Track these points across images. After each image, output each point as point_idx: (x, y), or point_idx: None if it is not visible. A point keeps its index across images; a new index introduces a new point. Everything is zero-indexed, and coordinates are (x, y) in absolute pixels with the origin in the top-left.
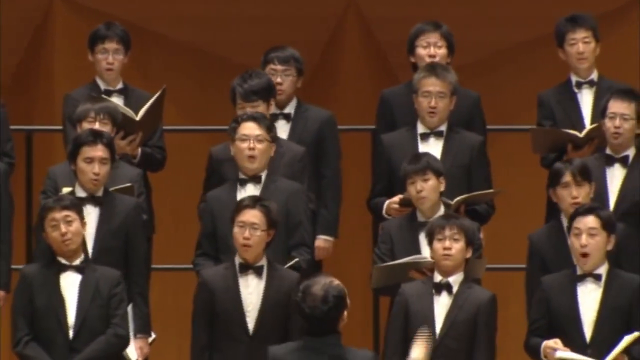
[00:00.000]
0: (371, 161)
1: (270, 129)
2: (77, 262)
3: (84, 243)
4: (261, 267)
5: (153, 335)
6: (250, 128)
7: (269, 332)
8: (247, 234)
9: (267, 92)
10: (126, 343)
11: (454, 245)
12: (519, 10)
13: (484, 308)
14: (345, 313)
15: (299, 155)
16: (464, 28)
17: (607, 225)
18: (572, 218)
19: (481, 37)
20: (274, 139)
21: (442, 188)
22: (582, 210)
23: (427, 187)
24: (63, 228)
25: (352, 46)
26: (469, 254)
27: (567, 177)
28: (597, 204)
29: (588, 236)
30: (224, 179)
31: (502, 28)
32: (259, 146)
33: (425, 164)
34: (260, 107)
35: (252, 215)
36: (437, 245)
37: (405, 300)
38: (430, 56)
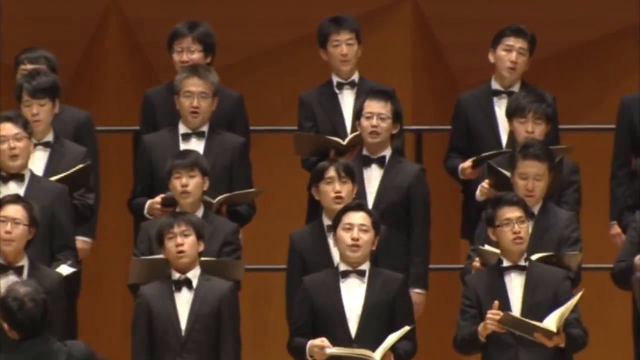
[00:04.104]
0: (133, 162)
1: (26, 126)
2: None
3: None
4: (21, 267)
5: None
6: (7, 129)
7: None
8: (8, 227)
9: (55, 90)
10: None
11: (185, 241)
12: (282, 11)
13: (225, 298)
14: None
15: (80, 155)
16: (227, 28)
17: (376, 224)
18: (342, 212)
19: (244, 37)
20: (32, 135)
21: (206, 187)
22: (353, 206)
23: (192, 183)
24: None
25: (113, 47)
26: (201, 247)
27: (331, 173)
28: (364, 202)
29: (360, 231)
30: None
31: (264, 28)
32: (19, 144)
33: (194, 160)
34: (47, 105)
35: (14, 210)
36: (170, 244)
37: (146, 301)
38: (183, 62)
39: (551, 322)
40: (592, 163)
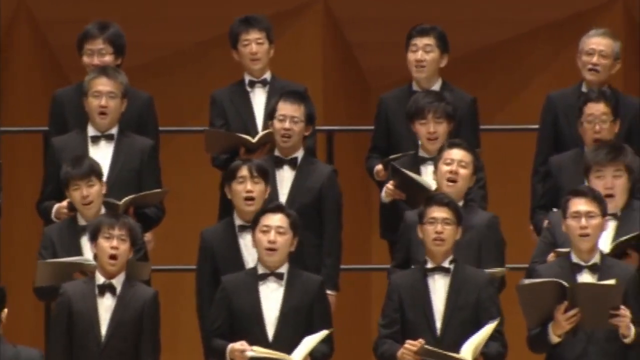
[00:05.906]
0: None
1: None
2: None
3: None
4: None
5: None
6: None
7: None
8: None
9: None
10: None
11: (121, 246)
12: (194, 11)
13: (148, 306)
14: (5, 311)
15: None
16: (138, 29)
17: (294, 225)
18: (260, 214)
19: (155, 37)
20: None
21: (104, 191)
22: (271, 207)
23: (92, 192)
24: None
25: (22, 48)
26: (130, 255)
27: (244, 172)
28: (283, 204)
29: (277, 234)
30: None
31: (175, 29)
32: None
33: (89, 168)
34: None
35: None
36: (105, 244)
37: (68, 300)
38: (93, 65)
39: (467, 352)
40: (505, 163)
